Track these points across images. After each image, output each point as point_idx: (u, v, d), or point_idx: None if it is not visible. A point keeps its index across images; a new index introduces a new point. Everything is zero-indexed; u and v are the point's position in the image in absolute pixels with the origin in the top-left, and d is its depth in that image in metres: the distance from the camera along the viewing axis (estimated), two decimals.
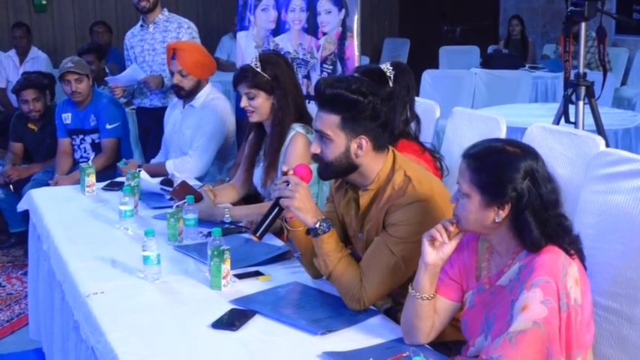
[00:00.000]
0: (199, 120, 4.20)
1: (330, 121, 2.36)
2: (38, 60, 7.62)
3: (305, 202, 2.36)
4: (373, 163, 2.41)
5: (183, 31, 5.15)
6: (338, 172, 2.44)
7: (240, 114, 4.43)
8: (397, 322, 2.29)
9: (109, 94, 5.34)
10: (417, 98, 3.79)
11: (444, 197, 2.39)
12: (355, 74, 3.02)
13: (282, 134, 3.33)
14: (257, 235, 2.45)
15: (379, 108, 2.36)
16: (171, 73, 4.24)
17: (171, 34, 5.14)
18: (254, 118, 3.40)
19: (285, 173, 2.42)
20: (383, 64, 3.05)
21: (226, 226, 3.15)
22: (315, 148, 2.41)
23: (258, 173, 3.48)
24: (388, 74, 2.98)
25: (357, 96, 2.32)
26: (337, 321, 2.29)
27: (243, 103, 3.37)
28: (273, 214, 2.44)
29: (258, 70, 3.34)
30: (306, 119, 3.38)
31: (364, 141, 2.36)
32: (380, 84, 2.87)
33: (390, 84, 2.98)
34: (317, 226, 2.36)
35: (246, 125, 3.66)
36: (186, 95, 4.22)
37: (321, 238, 2.37)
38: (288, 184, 2.38)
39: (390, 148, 2.47)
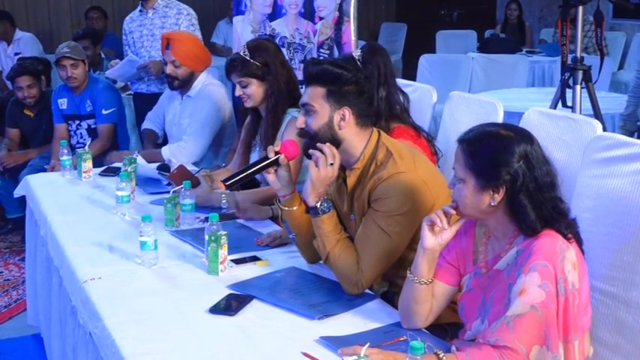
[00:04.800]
0: (194, 107, 4.19)
1: (315, 93, 2.42)
2: (23, 39, 7.52)
3: (321, 181, 2.37)
4: (356, 140, 2.43)
5: (182, 17, 5.12)
6: None
7: (237, 100, 4.43)
8: (394, 306, 2.30)
9: (105, 80, 5.33)
10: (414, 83, 3.80)
11: (427, 171, 2.43)
12: None
13: (277, 119, 3.35)
14: (226, 183, 2.48)
15: (363, 83, 2.44)
16: (165, 63, 4.22)
17: (170, 20, 5.12)
18: (249, 104, 3.44)
19: (276, 153, 2.44)
20: (355, 51, 3.11)
21: (223, 211, 3.15)
22: (301, 122, 2.45)
23: (254, 158, 3.48)
24: (357, 58, 3.01)
25: (340, 70, 2.41)
26: (335, 305, 2.30)
27: (238, 92, 3.42)
28: (252, 170, 2.48)
29: (248, 58, 3.35)
30: None
31: (347, 112, 2.40)
32: None
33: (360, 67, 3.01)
34: (317, 205, 2.38)
35: (243, 111, 3.67)
36: (180, 85, 4.20)
37: (320, 218, 2.38)
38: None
39: (376, 129, 2.50)
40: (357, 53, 3.08)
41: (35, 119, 5.45)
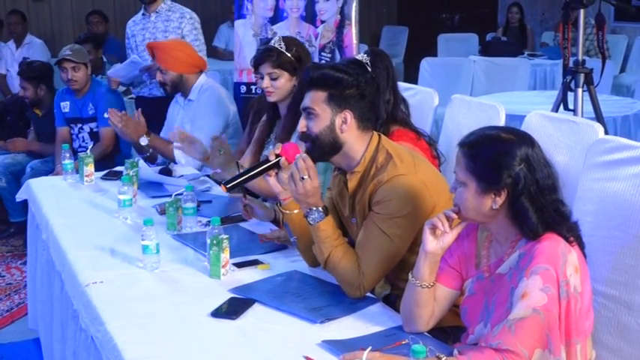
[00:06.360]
0: (195, 112, 4.21)
1: (316, 98, 2.42)
2: (33, 45, 7.67)
3: (301, 195, 2.37)
4: (357, 143, 2.43)
5: (185, 21, 5.13)
6: (323, 150, 2.44)
7: (241, 102, 4.43)
8: (396, 309, 2.30)
9: (107, 84, 5.34)
10: (415, 86, 3.79)
11: (428, 174, 2.43)
12: None
13: (298, 116, 3.34)
14: (227, 185, 2.48)
15: (364, 87, 2.43)
16: None
17: (173, 23, 5.13)
18: (272, 98, 3.42)
19: (277, 156, 2.44)
20: (359, 55, 3.09)
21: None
22: (302, 126, 2.46)
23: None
24: (364, 61, 3.00)
25: (341, 74, 2.41)
26: (336, 309, 2.30)
27: (266, 83, 3.38)
28: (253, 173, 2.49)
29: (283, 50, 3.35)
30: None
31: (349, 115, 2.40)
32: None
33: (369, 70, 2.99)
34: (307, 216, 2.39)
35: (249, 111, 3.66)
36: (172, 90, 4.26)
37: (316, 225, 2.38)
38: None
39: (376, 132, 2.50)
40: (364, 57, 3.05)
41: (42, 119, 5.51)
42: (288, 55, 3.36)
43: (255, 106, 3.98)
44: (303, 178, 2.33)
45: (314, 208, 2.38)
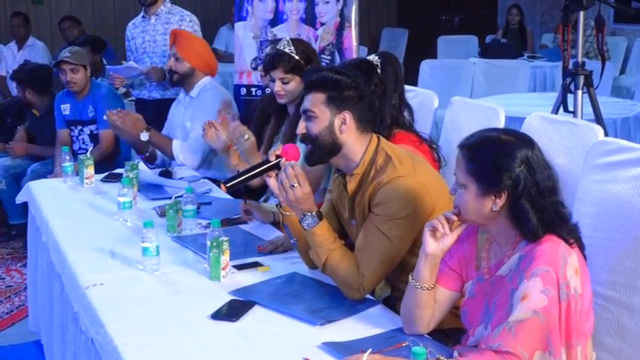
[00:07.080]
0: (196, 110, 4.21)
1: (316, 99, 2.43)
2: (35, 48, 7.69)
3: (293, 202, 2.38)
4: (357, 145, 2.44)
5: (185, 23, 5.13)
6: (323, 151, 2.44)
7: (242, 104, 4.43)
8: (396, 311, 2.30)
9: (107, 85, 5.34)
10: (415, 88, 3.79)
11: (427, 175, 2.44)
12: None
13: None
14: (227, 184, 2.49)
15: (363, 88, 2.44)
16: (169, 57, 4.35)
17: (172, 26, 5.13)
18: (284, 100, 3.48)
19: (277, 157, 2.45)
20: (370, 56, 3.10)
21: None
22: (301, 128, 2.46)
23: None
24: (375, 63, 3.01)
25: (340, 76, 2.42)
26: (337, 311, 2.30)
27: (278, 87, 3.42)
28: (253, 173, 2.49)
29: (293, 54, 3.38)
30: None
31: (348, 117, 2.41)
32: (368, 73, 2.92)
33: (378, 71, 3.01)
34: (301, 222, 2.39)
35: (253, 111, 3.68)
36: (179, 80, 4.24)
37: (311, 230, 2.38)
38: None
39: (375, 134, 2.50)
40: (375, 59, 3.05)
41: (40, 119, 5.51)
42: (298, 58, 3.40)
43: (259, 105, 4.01)
44: (293, 186, 2.34)
45: (307, 214, 2.38)
